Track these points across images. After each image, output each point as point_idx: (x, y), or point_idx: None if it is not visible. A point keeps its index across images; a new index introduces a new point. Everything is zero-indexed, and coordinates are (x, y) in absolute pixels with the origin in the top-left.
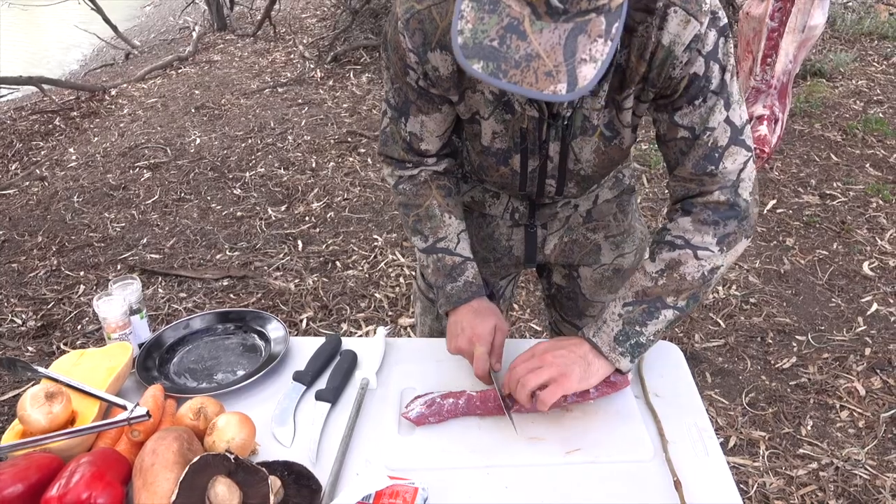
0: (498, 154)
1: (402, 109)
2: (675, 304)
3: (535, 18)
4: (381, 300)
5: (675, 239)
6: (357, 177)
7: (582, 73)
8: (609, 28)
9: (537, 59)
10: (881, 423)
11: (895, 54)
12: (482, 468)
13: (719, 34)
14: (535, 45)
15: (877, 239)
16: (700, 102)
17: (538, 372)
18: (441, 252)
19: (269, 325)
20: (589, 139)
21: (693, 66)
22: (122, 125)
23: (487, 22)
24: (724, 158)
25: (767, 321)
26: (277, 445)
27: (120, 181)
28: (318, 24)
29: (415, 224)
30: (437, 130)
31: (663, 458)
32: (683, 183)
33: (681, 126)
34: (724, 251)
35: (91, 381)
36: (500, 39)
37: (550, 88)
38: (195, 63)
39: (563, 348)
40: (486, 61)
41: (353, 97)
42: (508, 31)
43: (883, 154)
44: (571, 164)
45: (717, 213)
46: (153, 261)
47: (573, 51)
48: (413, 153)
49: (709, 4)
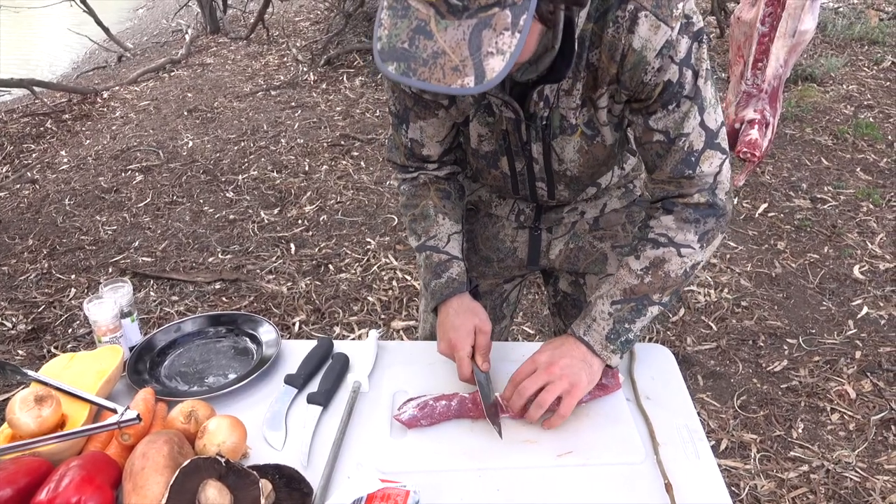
0: (487, 157)
1: (403, 116)
2: (660, 300)
3: (440, 18)
4: (373, 303)
5: (658, 237)
6: (350, 180)
7: (490, 66)
8: (516, 20)
9: (443, 56)
10: (871, 426)
11: (885, 59)
12: (474, 471)
13: (692, 39)
14: (440, 43)
15: (867, 243)
16: (674, 107)
17: (550, 388)
18: (430, 250)
19: (261, 329)
20: (569, 138)
21: (666, 73)
22: (115, 128)
23: (399, 26)
24: (701, 162)
25: (759, 324)
26: (269, 449)
27: (112, 184)
28: (312, 27)
29: (411, 223)
30: (436, 135)
31: (654, 460)
32: (662, 185)
33: (656, 130)
34: (703, 247)
35: (81, 384)
36: (409, 41)
37: (458, 83)
38: (188, 66)
39: (564, 356)
40: (398, 62)
41: (347, 100)
42: (417, 32)
43: (873, 158)
44: (556, 165)
45: (698, 211)
46: (145, 264)
47: (478, 45)
48: (415, 159)
49: (680, 9)
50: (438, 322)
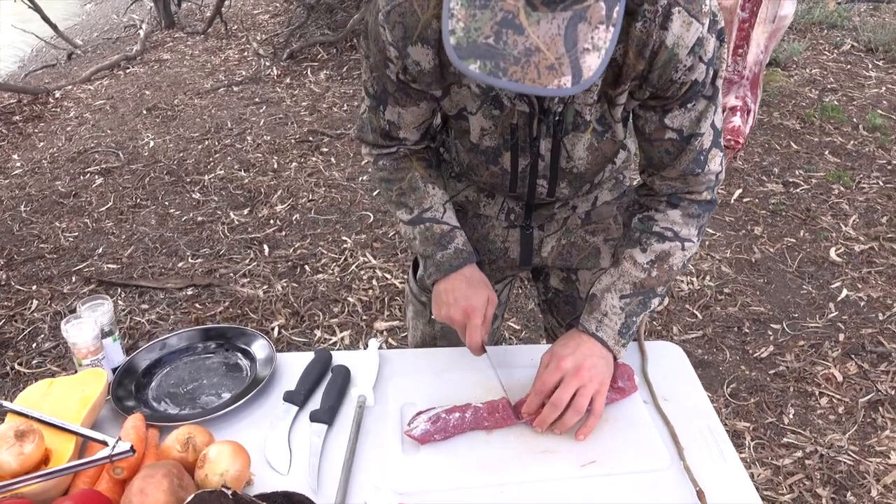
0: (487, 152)
1: (381, 98)
2: (661, 292)
3: (531, 10)
4: (354, 304)
5: (664, 230)
6: (321, 177)
7: (586, 64)
8: (609, 12)
9: (537, 53)
10: (860, 409)
11: (845, 42)
12: (494, 486)
13: (718, 38)
14: (533, 39)
15: (841, 225)
16: (692, 106)
17: (583, 392)
18: (428, 221)
19: (253, 342)
20: (581, 135)
21: (695, 72)
22: (70, 129)
23: (480, 18)
24: (709, 161)
25: (743, 310)
26: (274, 474)
27: (70, 188)
28: (272, 20)
29: (399, 197)
30: (414, 122)
31: (680, 465)
32: (670, 182)
33: (670, 128)
34: (699, 240)
35: (64, 413)
36: (495, 36)
37: (555, 83)
38: (144, 62)
39: (587, 357)
40: (482, 60)
41: (313, 95)
42: (503, 25)
43: (840, 141)
44: (564, 162)
45: (701, 207)
46: (110, 271)
47: (574, 40)
48: (390, 139)
49: (708, 5)
50: (442, 289)
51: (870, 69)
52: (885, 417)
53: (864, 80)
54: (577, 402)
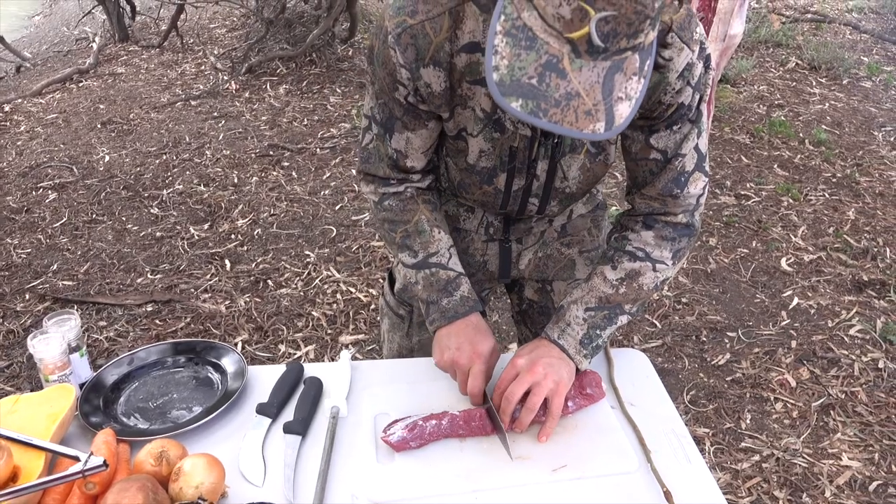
0: (483, 172)
1: (388, 125)
2: (630, 310)
3: (575, 56)
4: (318, 318)
5: (636, 250)
6: (283, 191)
7: (619, 112)
8: (642, 66)
9: (577, 98)
10: (813, 412)
11: (789, 61)
12: (469, 492)
13: (704, 64)
14: (574, 84)
15: (791, 236)
16: (677, 128)
17: (536, 390)
18: (434, 267)
19: (223, 356)
20: (577, 157)
21: (682, 95)
22: (20, 143)
23: (525, 59)
24: (689, 183)
25: (700, 320)
26: (248, 486)
27: (22, 203)
28: (229, 34)
29: (403, 240)
30: (422, 147)
31: (648, 468)
32: (648, 201)
33: (654, 148)
34: (675, 264)
35: (32, 430)
36: (538, 77)
37: (590, 128)
38: (97, 76)
39: (542, 357)
40: (524, 99)
41: (272, 109)
42: (547, 68)
43: (788, 155)
44: (558, 182)
45: (676, 230)
46: (66, 288)
47: (611, 89)
48: (398, 170)
49: (698, 34)
50: (444, 334)
51: (814, 86)
52: (836, 420)
53: (809, 96)
54: (528, 401)
